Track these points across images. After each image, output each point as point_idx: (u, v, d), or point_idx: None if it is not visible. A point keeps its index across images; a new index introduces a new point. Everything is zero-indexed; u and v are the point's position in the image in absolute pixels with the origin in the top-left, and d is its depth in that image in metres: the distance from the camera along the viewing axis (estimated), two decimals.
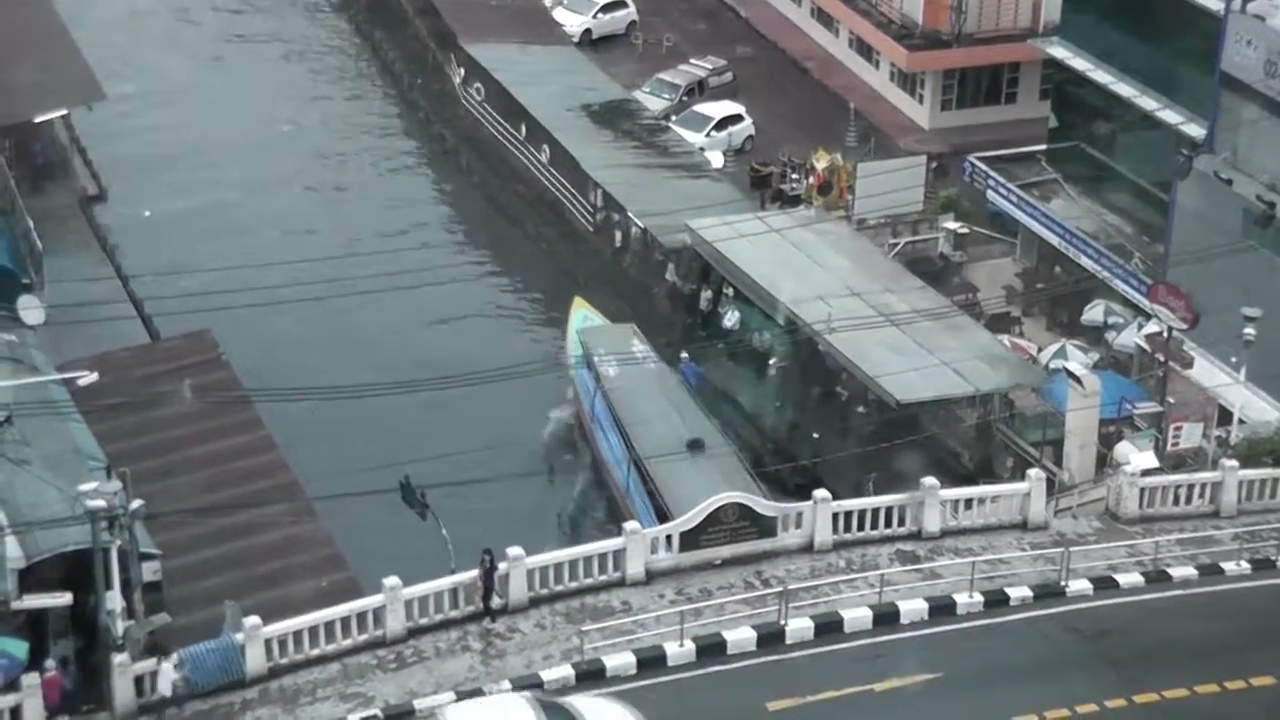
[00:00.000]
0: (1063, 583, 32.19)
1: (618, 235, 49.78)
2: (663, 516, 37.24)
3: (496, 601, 30.86)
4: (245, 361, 40.56)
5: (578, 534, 40.27)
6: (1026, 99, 56.27)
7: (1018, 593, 32.00)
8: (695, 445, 38.70)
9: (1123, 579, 32.68)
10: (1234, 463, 35.32)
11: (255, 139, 58.16)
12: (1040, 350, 43.85)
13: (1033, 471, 34.77)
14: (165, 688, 28.50)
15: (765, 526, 32.82)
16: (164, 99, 59.94)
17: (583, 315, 45.33)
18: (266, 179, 55.80)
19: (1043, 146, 50.37)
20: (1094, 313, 45.48)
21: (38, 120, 49.96)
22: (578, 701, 27.76)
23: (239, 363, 40.37)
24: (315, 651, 29.95)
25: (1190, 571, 33.06)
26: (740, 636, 30.51)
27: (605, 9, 64.10)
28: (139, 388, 37.89)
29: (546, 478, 42.23)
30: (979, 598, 31.71)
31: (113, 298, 42.94)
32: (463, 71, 59.05)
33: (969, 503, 34.29)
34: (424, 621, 30.64)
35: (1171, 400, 37.79)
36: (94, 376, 34.01)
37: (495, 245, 53.02)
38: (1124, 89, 45.96)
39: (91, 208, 50.14)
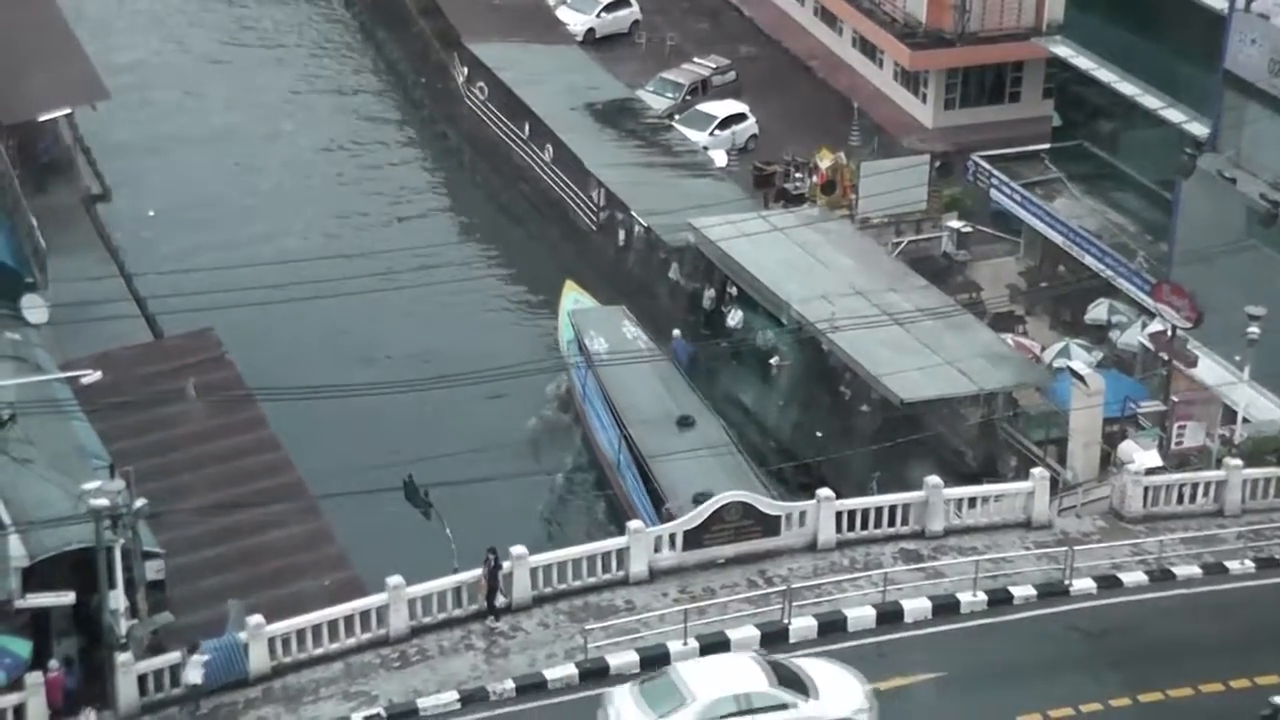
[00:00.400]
0: (1067, 582, 32.17)
1: (621, 234, 49.74)
2: (654, 493, 37.67)
3: (500, 600, 30.83)
4: (248, 360, 40.53)
5: (566, 511, 40.60)
6: (1030, 98, 56.15)
7: (1021, 592, 31.97)
8: (685, 422, 39.18)
9: (1127, 578, 32.64)
10: (1238, 461, 35.23)
11: (259, 138, 58.16)
12: (1044, 349, 43.74)
13: (1036, 470, 34.75)
14: (195, 676, 28.54)
15: (769, 525, 32.80)
16: (168, 98, 59.96)
17: (574, 298, 45.80)
18: (269, 179, 55.79)
19: (1046, 145, 50.24)
20: (1097, 311, 45.38)
21: (41, 119, 49.89)
22: (800, 661, 28.60)
23: (242, 361, 40.33)
24: (319, 650, 29.95)
25: (1194, 570, 33.03)
26: (744, 635, 30.48)
27: (608, 8, 64.00)
28: (142, 386, 37.83)
29: (549, 477, 42.10)
30: (983, 597, 31.69)
31: (116, 296, 42.94)
32: (466, 70, 59.00)
33: (973, 501, 34.27)
34: (427, 620, 30.66)
35: (1175, 399, 37.67)
36: (97, 375, 33.94)
37: (499, 244, 52.98)
38: (1127, 88, 45.84)
39: (95, 206, 49.98)
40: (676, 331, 44.24)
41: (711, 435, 39.36)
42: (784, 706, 27.38)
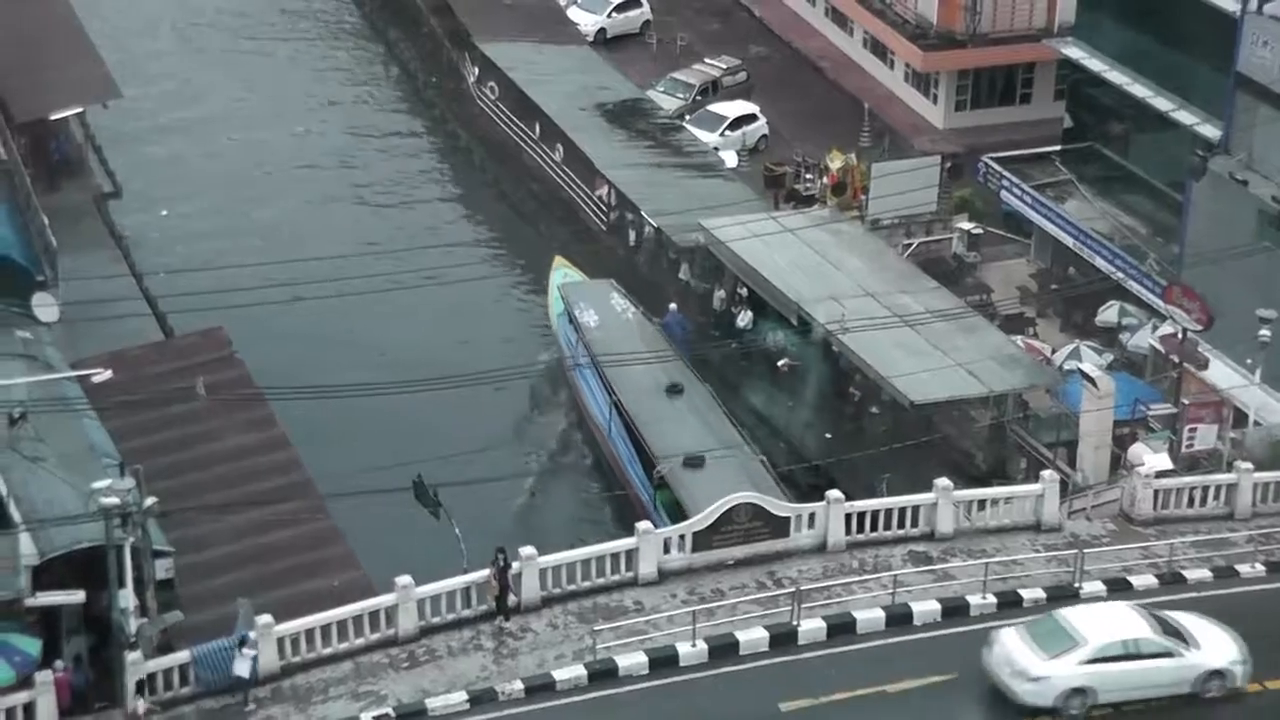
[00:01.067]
0: (1076, 584, 32.09)
1: (631, 235, 49.68)
2: (644, 456, 38.13)
3: (511, 600, 30.78)
4: (258, 359, 40.51)
5: (556, 482, 41.29)
6: (1041, 99, 56.03)
7: (1031, 594, 31.90)
8: (674, 390, 39.95)
9: (1137, 581, 32.56)
10: (1249, 465, 35.10)
11: (270, 137, 58.18)
12: (1054, 351, 43.60)
13: (1046, 473, 34.69)
14: (244, 670, 28.64)
15: (778, 527, 32.78)
16: (179, 97, 60.03)
17: (562, 274, 46.34)
18: (281, 177, 55.81)
19: (1057, 147, 50.14)
20: (1108, 314, 45.23)
21: (54, 118, 49.90)
22: (1174, 614, 29.88)
23: (252, 360, 40.32)
24: (328, 650, 29.95)
25: (1205, 574, 32.94)
26: (753, 637, 30.47)
27: (619, 8, 63.90)
28: (153, 385, 37.75)
29: (558, 477, 42.29)
30: (992, 599, 31.63)
31: (127, 295, 42.92)
32: (477, 70, 58.97)
33: (982, 504, 34.19)
34: (436, 620, 30.63)
35: (1187, 401, 37.54)
36: (108, 374, 33.99)
37: (510, 243, 52.95)
38: (1139, 90, 45.71)
39: (106, 205, 49.93)
40: (673, 305, 44.67)
41: (699, 402, 39.97)
42: (1168, 654, 28.72)
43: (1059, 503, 34.19)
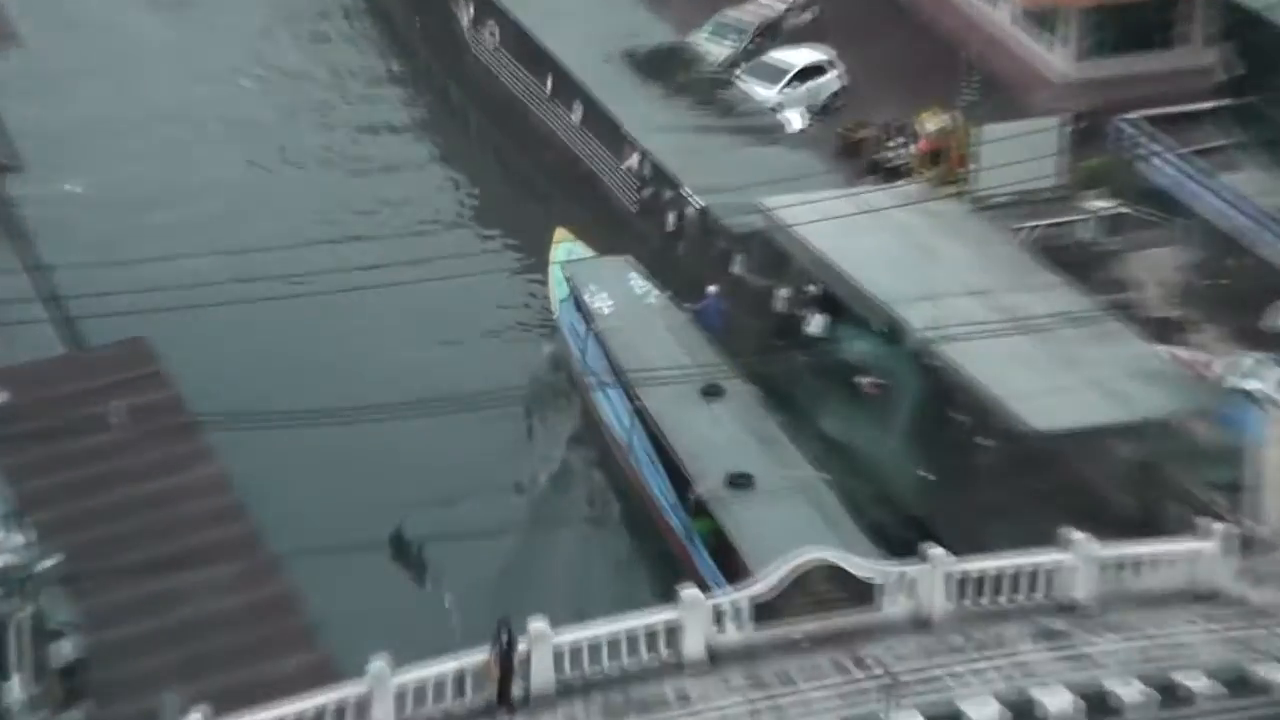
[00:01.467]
0: (1260, 672, 31.34)
1: (669, 217, 49.68)
2: (674, 473, 38.84)
3: (517, 689, 30.32)
4: (193, 377, 40.58)
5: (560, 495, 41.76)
6: (1193, 43, 55.23)
7: (1199, 685, 31.14)
8: (712, 391, 40.55)
9: None
10: None
11: (213, 96, 58.56)
12: (1215, 365, 42.74)
13: (1215, 524, 34.04)
14: None
15: (863, 593, 32.38)
16: (99, 48, 60.38)
17: (567, 249, 47.20)
18: (225, 146, 56.13)
19: (1215, 104, 49.89)
20: None
21: None
22: None
23: (185, 378, 40.36)
24: None
25: None
26: None
27: None
28: (57, 410, 37.74)
29: (575, 529, 41.95)
30: (1146, 689, 30.95)
31: (26, 296, 42.85)
32: (473, 9, 59.26)
33: (1132, 565, 33.69)
34: (420, 715, 30.01)
35: None
36: (2, 396, 34.42)
37: (514, 230, 53.02)
38: None
39: (3, 181, 50.01)
40: (712, 287, 45.22)
41: (741, 406, 40.28)
42: None
43: (1234, 563, 33.72)
